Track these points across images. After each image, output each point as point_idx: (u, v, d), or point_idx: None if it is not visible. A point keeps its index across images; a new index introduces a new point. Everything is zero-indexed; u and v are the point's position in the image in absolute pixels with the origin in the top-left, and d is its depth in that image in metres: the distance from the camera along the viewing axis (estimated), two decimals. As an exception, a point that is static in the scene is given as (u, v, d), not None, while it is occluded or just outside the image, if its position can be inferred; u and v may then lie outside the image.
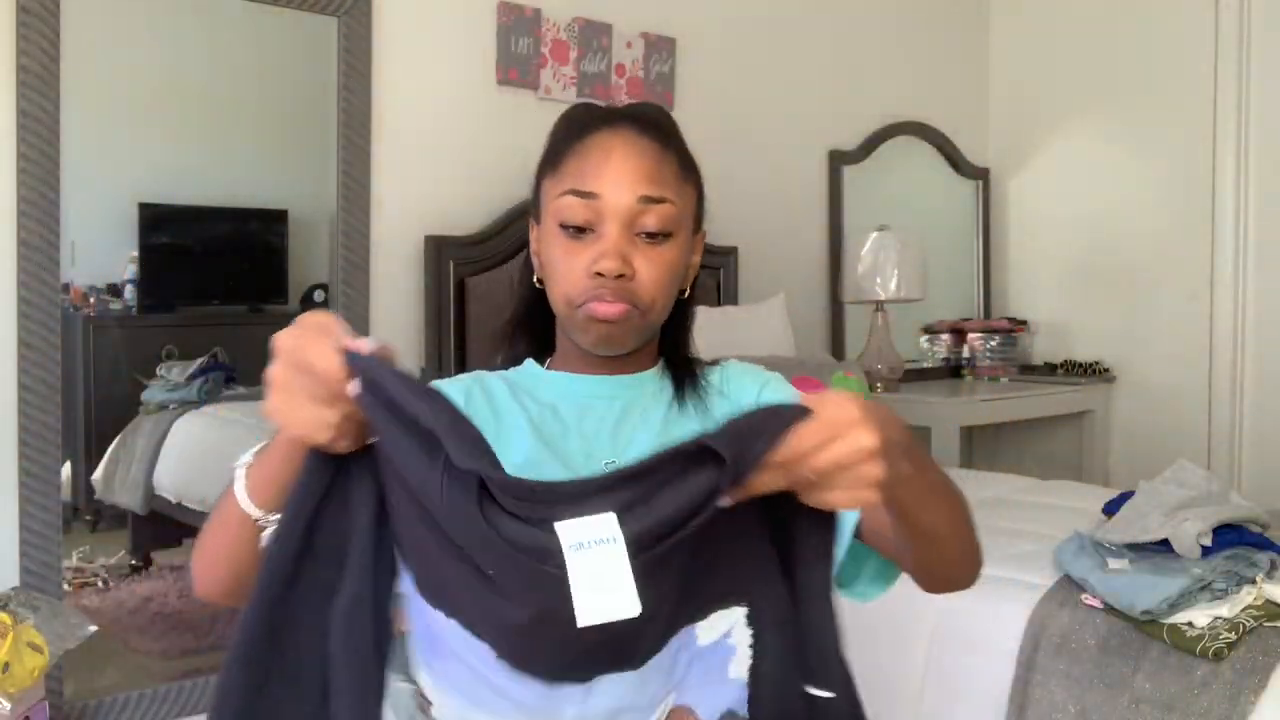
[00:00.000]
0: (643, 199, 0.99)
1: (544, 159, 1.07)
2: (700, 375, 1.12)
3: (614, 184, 0.99)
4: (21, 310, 2.03)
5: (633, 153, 1.00)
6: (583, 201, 0.99)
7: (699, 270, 1.14)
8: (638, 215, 0.99)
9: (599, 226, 1.00)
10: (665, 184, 1.01)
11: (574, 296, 1.00)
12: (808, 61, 3.56)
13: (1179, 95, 3.69)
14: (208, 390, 2.36)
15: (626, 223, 0.99)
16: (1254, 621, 1.74)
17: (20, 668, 1.64)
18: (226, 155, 2.43)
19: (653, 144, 1.02)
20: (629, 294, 1.00)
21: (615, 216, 0.99)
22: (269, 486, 0.83)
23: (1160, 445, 3.67)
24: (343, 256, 2.44)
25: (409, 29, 2.58)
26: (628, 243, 1.00)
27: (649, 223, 1.00)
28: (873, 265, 3.47)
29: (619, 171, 0.99)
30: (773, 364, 3.05)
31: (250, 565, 0.83)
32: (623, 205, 0.99)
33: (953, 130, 4.03)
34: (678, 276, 1.06)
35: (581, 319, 1.00)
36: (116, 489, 2.27)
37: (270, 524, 0.84)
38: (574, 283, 1.00)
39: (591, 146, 1.01)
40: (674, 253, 1.03)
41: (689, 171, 1.07)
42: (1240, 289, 3.59)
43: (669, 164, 1.03)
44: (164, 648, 2.28)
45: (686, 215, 1.05)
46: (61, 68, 2.06)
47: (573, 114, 1.08)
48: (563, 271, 1.01)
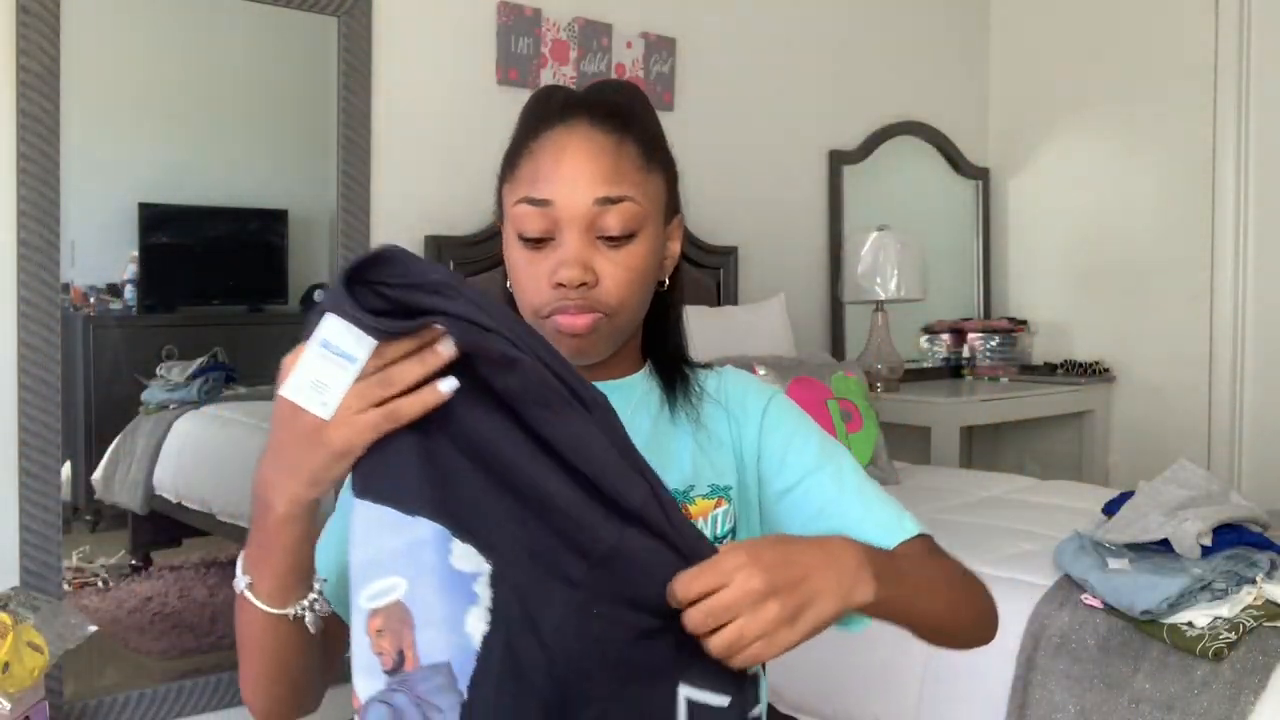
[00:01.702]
0: (600, 200, 0.93)
1: (504, 158, 1.01)
2: (692, 378, 1.05)
3: (568, 188, 0.93)
4: (21, 310, 2.03)
5: (586, 151, 0.94)
6: (538, 210, 0.94)
7: (680, 258, 1.06)
8: (596, 218, 0.94)
9: (557, 234, 0.94)
10: (624, 180, 0.95)
11: (539, 307, 0.96)
12: (808, 61, 3.56)
13: (1179, 95, 3.69)
14: (208, 390, 2.36)
15: (584, 228, 0.94)
16: (1254, 621, 1.74)
17: (20, 668, 1.64)
18: (226, 155, 2.43)
19: (609, 137, 0.95)
20: (594, 302, 0.95)
21: (572, 223, 0.94)
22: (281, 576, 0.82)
23: (1160, 445, 3.67)
24: (343, 256, 2.44)
25: (409, 29, 2.58)
26: (588, 247, 0.94)
27: (609, 225, 0.94)
28: (873, 265, 3.47)
29: (572, 174, 0.93)
30: (773, 364, 3.03)
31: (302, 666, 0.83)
32: (579, 210, 0.93)
33: (953, 130, 4.03)
34: (648, 273, 0.99)
35: (550, 332, 0.95)
36: (116, 489, 2.27)
37: (305, 609, 0.83)
38: (537, 293, 0.95)
39: (544, 148, 0.95)
40: (641, 251, 0.97)
41: (653, 159, 0.99)
42: (1240, 289, 3.59)
43: (627, 157, 0.96)
44: (164, 648, 2.28)
45: (654, 208, 0.98)
46: (61, 68, 2.06)
47: (532, 106, 1.01)
48: (525, 282, 0.97)
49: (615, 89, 1.02)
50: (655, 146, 1.00)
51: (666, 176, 1.02)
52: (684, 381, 1.05)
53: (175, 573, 2.35)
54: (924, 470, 3.11)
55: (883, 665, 2.04)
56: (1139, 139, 3.82)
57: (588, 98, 0.99)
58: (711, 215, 3.16)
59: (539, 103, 1.01)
